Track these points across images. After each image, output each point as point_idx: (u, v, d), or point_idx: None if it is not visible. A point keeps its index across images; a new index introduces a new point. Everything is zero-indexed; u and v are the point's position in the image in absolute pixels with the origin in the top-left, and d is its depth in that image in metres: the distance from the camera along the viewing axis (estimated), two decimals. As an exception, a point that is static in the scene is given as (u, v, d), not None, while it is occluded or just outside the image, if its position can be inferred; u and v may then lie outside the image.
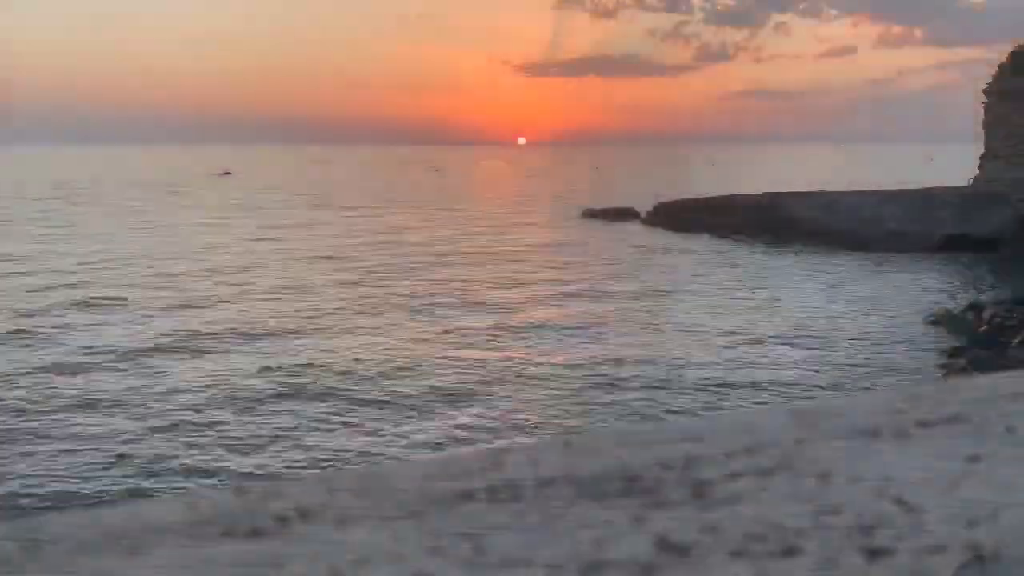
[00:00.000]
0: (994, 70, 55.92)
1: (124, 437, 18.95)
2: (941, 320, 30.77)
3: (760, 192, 61.02)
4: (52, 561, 0.76)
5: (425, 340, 27.87)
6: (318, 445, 18.68)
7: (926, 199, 53.55)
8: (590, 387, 22.99)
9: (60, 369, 23.99)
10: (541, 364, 25.12)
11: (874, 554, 0.77)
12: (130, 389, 22.34)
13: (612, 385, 23.16)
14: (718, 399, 22.09)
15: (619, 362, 25.33)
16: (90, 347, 26.42)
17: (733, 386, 23.15)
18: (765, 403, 21.37)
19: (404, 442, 18.93)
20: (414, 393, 22.28)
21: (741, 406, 20.91)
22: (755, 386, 23.20)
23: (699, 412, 20.58)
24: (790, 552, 0.78)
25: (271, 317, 30.94)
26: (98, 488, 16.35)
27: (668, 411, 21.13)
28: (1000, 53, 56.36)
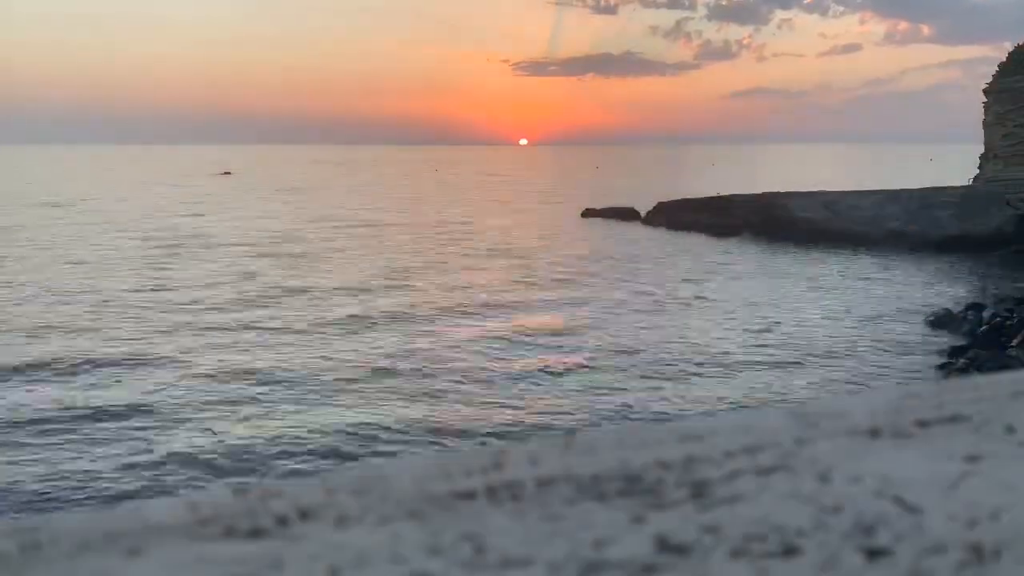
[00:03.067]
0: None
1: (127, 435, 18.97)
2: (941, 320, 30.79)
3: (760, 192, 61.08)
4: (52, 561, 0.76)
5: (422, 338, 27.88)
6: (319, 445, 18.68)
7: (926, 199, 53.56)
8: (589, 386, 22.99)
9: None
10: (540, 363, 25.11)
11: (874, 554, 0.77)
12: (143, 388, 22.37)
13: (610, 384, 23.16)
14: (717, 398, 22.10)
15: (618, 361, 25.34)
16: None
17: (732, 385, 23.16)
18: (765, 403, 21.38)
19: (402, 442, 18.94)
20: (408, 392, 22.28)
21: (741, 406, 20.91)
22: (754, 385, 23.21)
23: (698, 411, 20.59)
24: (790, 552, 0.78)
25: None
26: (99, 488, 16.35)
27: (667, 410, 21.14)
28: (1005, 51, 56.41)
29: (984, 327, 28.90)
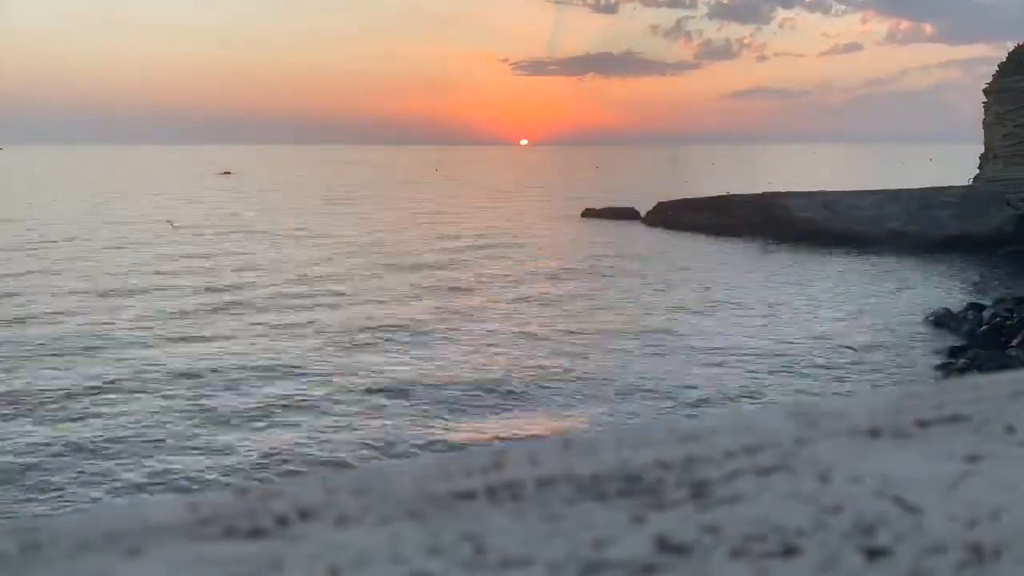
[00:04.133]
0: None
1: (126, 436, 18.96)
2: (941, 320, 30.78)
3: (760, 192, 61.07)
4: (52, 561, 0.76)
5: (423, 335, 27.87)
6: (319, 444, 18.68)
7: (926, 199, 53.54)
8: (588, 386, 22.98)
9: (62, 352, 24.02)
10: (541, 362, 25.10)
11: (874, 554, 0.77)
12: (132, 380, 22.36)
13: (610, 384, 23.15)
14: (717, 398, 22.09)
15: (617, 361, 25.32)
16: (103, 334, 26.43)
17: (732, 385, 23.15)
18: (765, 403, 21.37)
19: (403, 444, 18.94)
20: (408, 391, 22.27)
21: (740, 405, 20.91)
22: (754, 385, 23.20)
23: (698, 412, 20.58)
24: (790, 552, 0.78)
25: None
26: (98, 488, 16.34)
27: (667, 410, 21.13)
28: (1006, 51, 56.33)
29: (984, 327, 28.89)
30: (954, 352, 26.53)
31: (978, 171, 56.35)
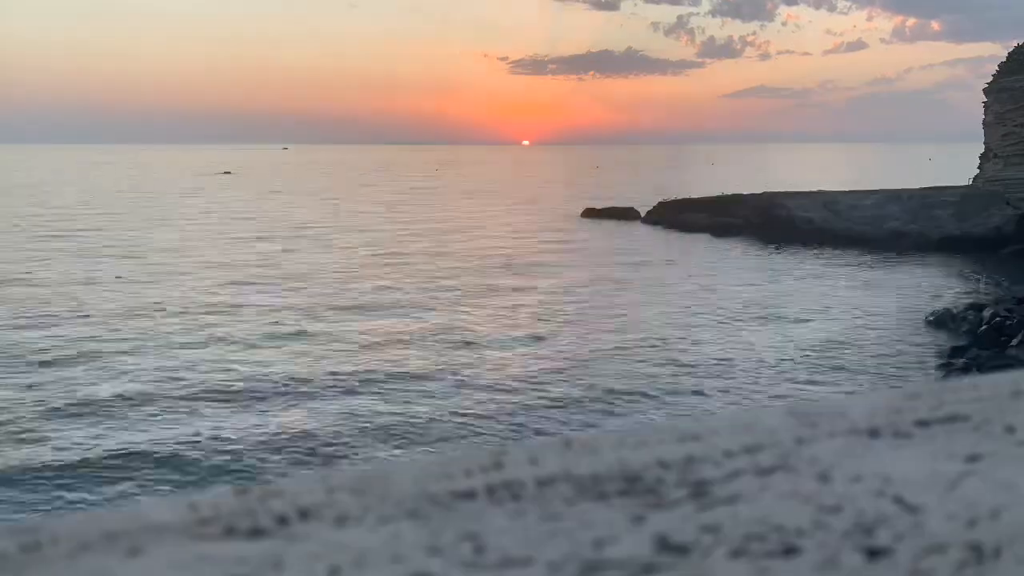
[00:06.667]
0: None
1: (127, 436, 18.95)
2: (941, 320, 30.77)
3: (760, 192, 61.08)
4: (52, 561, 0.76)
5: (425, 334, 27.85)
6: (320, 444, 18.67)
7: (926, 199, 53.55)
8: (588, 385, 22.97)
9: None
10: (540, 363, 25.09)
11: (874, 554, 0.77)
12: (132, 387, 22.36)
13: (609, 383, 23.14)
14: (717, 398, 22.09)
15: (617, 361, 25.30)
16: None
17: (732, 385, 23.15)
18: (765, 402, 21.37)
19: (404, 441, 18.93)
20: (409, 388, 22.27)
21: (740, 405, 20.92)
22: (754, 385, 23.20)
23: (698, 411, 20.58)
24: (790, 552, 0.78)
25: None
26: (99, 488, 16.34)
27: (667, 409, 21.12)
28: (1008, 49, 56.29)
29: (984, 327, 28.88)
30: (954, 352, 26.53)
31: (978, 171, 56.34)
